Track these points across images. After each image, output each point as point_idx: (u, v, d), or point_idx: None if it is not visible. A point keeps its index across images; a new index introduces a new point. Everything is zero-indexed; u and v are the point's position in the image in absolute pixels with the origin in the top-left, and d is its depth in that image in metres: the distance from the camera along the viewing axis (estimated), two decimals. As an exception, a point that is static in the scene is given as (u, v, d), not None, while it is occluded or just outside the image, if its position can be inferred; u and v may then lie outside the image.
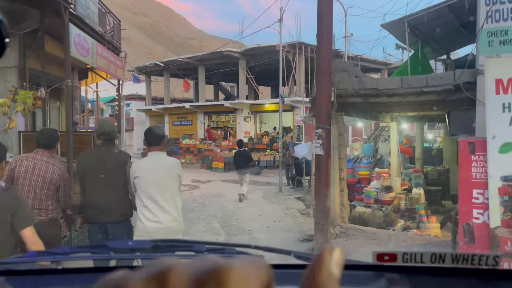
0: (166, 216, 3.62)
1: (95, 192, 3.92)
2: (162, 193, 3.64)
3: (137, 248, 1.40)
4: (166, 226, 3.59)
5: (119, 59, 12.14)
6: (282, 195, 13.66)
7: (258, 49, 21.85)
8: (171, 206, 3.66)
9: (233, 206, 10.98)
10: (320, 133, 5.47)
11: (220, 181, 17.40)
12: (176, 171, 3.71)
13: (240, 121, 23.30)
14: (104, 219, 3.88)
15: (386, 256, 0.93)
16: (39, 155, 3.93)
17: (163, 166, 3.70)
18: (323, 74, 5.46)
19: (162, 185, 3.66)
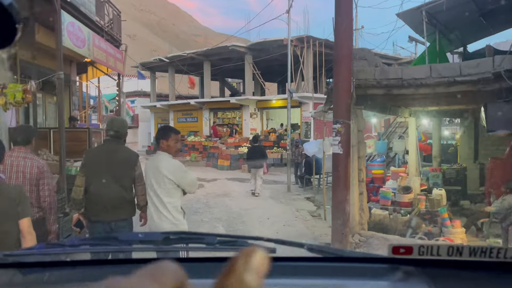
0: (161, 217, 3.66)
1: (101, 189, 3.87)
2: (155, 195, 3.67)
3: (148, 240, 1.41)
4: (160, 226, 3.60)
5: (119, 52, 11.46)
6: (291, 194, 12.93)
7: (264, 43, 21.08)
8: (164, 208, 3.65)
9: (239, 208, 10.27)
10: (338, 129, 4.75)
11: (225, 180, 16.71)
12: (168, 175, 3.61)
13: (246, 117, 22.57)
14: (108, 217, 3.86)
15: (402, 249, 0.92)
16: (16, 152, 3.87)
17: (155, 168, 3.67)
18: (341, 61, 4.75)
19: (154, 186, 3.66)
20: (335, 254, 1.19)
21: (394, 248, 0.94)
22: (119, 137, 4.02)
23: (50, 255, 1.35)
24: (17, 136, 3.96)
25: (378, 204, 9.16)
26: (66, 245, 1.39)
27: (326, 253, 1.16)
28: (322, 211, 11.02)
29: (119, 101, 10.99)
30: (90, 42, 9.14)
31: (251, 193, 12.27)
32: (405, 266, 1.04)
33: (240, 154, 20.43)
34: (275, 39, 20.58)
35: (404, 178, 8.95)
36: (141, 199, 4.02)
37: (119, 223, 3.90)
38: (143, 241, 1.40)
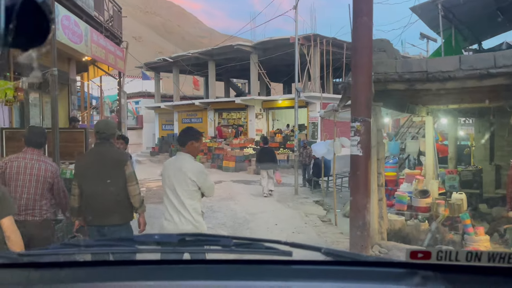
0: (180, 218, 3.60)
1: (93, 193, 3.82)
2: (175, 196, 3.61)
3: (164, 242, 1.40)
4: (180, 228, 3.55)
5: (120, 50, 10.95)
6: (299, 198, 12.34)
7: (270, 42, 20.51)
8: (185, 210, 3.60)
9: (245, 212, 9.70)
10: (357, 128, 4.18)
11: (230, 182, 16.15)
12: (191, 176, 3.59)
13: (251, 118, 22.01)
14: (101, 222, 3.77)
15: (420, 253, 0.91)
16: (29, 155, 3.88)
17: (178, 169, 3.63)
18: (361, 50, 4.19)
19: (175, 188, 3.61)
20: (352, 258, 1.17)
21: (412, 253, 0.93)
22: (107, 138, 3.90)
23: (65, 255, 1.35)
24: (33, 138, 3.93)
25: (393, 209, 8.56)
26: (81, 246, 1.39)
27: (342, 257, 1.15)
28: (333, 215, 10.43)
29: (120, 100, 10.47)
30: (88, 38, 8.63)
31: (263, 196, 12.21)
32: (423, 271, 1.03)
33: (245, 156, 19.88)
34: (281, 38, 20.02)
35: (421, 181, 8.35)
36: (135, 200, 3.88)
37: (112, 228, 3.78)
38: (159, 243, 1.39)
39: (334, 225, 9.05)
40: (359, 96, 4.15)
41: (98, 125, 4.09)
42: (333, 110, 9.13)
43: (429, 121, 8.26)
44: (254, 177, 17.93)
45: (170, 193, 3.64)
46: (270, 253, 1.18)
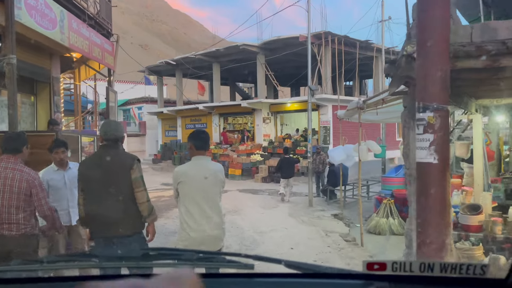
0: (210, 223, 3.42)
1: (98, 202, 3.47)
2: (207, 199, 3.46)
3: (127, 257, 1.40)
4: (209, 234, 3.40)
5: (108, 43, 9.46)
6: (314, 210, 10.73)
7: (277, 41, 18.98)
8: (215, 213, 3.48)
9: (254, 230, 8.12)
10: (429, 121, 2.63)
11: (237, 192, 14.58)
12: (221, 177, 3.58)
13: (259, 122, 20.44)
14: (108, 233, 3.42)
15: (376, 265, 0.94)
16: (4, 162, 3.60)
17: (209, 171, 3.49)
18: (434, 4, 2.67)
19: (207, 191, 3.46)
20: (313, 270, 1.15)
21: (368, 264, 0.94)
22: (114, 141, 3.57)
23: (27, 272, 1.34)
24: (6, 144, 3.67)
25: (435, 227, 6.91)
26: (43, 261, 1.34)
27: (303, 269, 1.14)
28: (356, 232, 8.82)
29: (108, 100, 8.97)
30: (65, 25, 7.13)
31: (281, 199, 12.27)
32: (379, 282, 1.05)
33: (252, 163, 18.31)
34: (289, 37, 18.49)
35: (469, 193, 6.71)
36: (142, 208, 3.53)
37: (122, 239, 3.41)
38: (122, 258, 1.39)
39: (361, 246, 7.46)
40: (431, 71, 2.62)
41: (105, 126, 3.70)
42: (358, 108, 7.56)
43: (478, 120, 6.67)
44: (262, 185, 16.36)
45: (200, 198, 3.43)
46: (232, 266, 1.17)
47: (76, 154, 7.13)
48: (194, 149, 3.55)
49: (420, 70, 2.78)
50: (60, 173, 4.81)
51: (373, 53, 20.34)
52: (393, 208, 9.31)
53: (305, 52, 18.28)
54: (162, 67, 24.34)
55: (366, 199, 13.06)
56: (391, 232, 9.03)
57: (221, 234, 3.52)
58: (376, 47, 20.15)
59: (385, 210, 9.34)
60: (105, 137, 3.55)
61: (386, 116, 9.82)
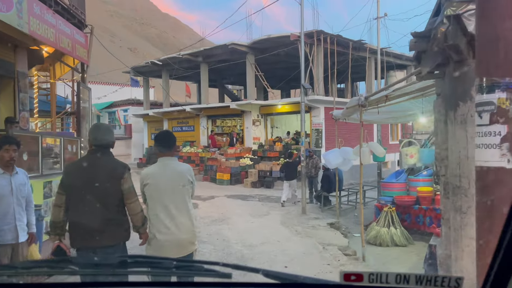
0: (178, 226, 3.31)
1: (84, 210, 3.22)
2: (175, 202, 3.34)
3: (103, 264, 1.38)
4: (178, 237, 3.29)
5: (81, 34, 8.46)
6: (308, 218, 9.81)
7: (268, 41, 18.09)
8: (184, 215, 3.36)
9: (242, 243, 7.16)
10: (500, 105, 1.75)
11: (225, 198, 13.61)
12: (189, 177, 3.43)
13: (248, 125, 19.50)
14: (93, 243, 3.17)
15: (353, 276, 0.95)
16: None
17: (175, 172, 3.40)
18: None
19: (174, 193, 3.35)
20: (290, 280, 1.13)
21: (345, 275, 0.95)
22: (104, 146, 3.33)
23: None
24: None
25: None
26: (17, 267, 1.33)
27: (282, 279, 1.12)
28: (355, 243, 7.92)
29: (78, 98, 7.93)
30: (23, 8, 6.12)
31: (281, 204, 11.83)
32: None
33: (241, 167, 17.35)
34: (280, 36, 17.64)
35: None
36: (136, 219, 3.36)
37: (107, 250, 3.15)
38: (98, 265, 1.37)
39: (363, 262, 6.55)
40: (503, 31, 1.75)
41: (94, 131, 3.47)
42: (359, 106, 6.67)
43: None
44: (252, 191, 15.42)
45: (167, 200, 3.32)
46: (209, 275, 1.17)
47: (36, 158, 6.12)
48: (159, 150, 3.47)
49: (483, 31, 1.88)
50: (5, 177, 3.87)
51: (366, 53, 19.57)
52: (394, 217, 8.44)
53: (296, 52, 17.48)
54: (148, 67, 23.29)
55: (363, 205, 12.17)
56: (393, 243, 8.15)
57: (191, 238, 3.40)
58: (369, 47, 19.39)
59: (386, 219, 8.46)
60: (95, 142, 3.34)
61: (386, 115, 8.98)
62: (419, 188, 8.68)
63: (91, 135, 3.40)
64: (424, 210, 8.49)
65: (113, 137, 3.46)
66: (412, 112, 8.85)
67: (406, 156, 9.02)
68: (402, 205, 8.70)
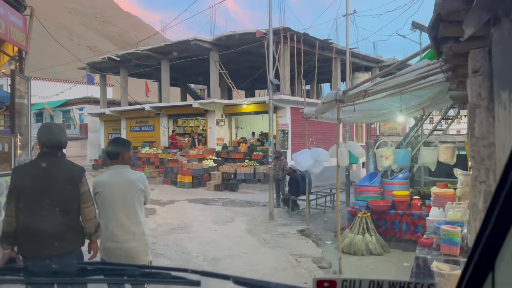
0: (128, 235, 3.26)
1: (40, 216, 3.03)
2: (125, 211, 3.30)
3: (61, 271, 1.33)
4: (129, 245, 3.25)
5: (18, 16, 7.25)
6: (276, 225, 8.99)
7: (232, 37, 17.20)
8: (135, 225, 3.30)
9: (204, 256, 6.23)
10: None
11: (186, 202, 12.61)
12: (141, 186, 3.37)
13: (212, 125, 18.53)
14: (49, 252, 2.96)
15: (326, 282, 0.93)
16: None
17: (127, 181, 3.34)
18: None
19: (125, 201, 3.31)
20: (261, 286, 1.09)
21: (318, 282, 0.92)
22: (57, 147, 3.13)
23: None
24: None
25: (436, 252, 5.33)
26: None
27: (252, 286, 1.09)
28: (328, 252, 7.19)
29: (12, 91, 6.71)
30: None
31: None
32: None
33: (204, 169, 16.36)
34: (245, 32, 16.81)
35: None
36: (89, 225, 3.17)
37: (63, 258, 2.97)
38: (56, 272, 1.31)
39: (339, 274, 5.79)
40: None
41: (46, 131, 3.17)
42: (336, 101, 5.91)
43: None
44: (215, 194, 14.47)
45: (118, 209, 3.27)
46: (177, 283, 1.14)
47: None
48: (110, 158, 3.43)
49: None
50: None
51: (333, 54, 19.11)
52: (369, 223, 7.78)
53: (261, 51, 16.70)
54: (105, 63, 21.84)
55: (331, 210, 11.53)
56: (368, 252, 7.48)
57: (143, 246, 3.35)
58: (336, 47, 18.94)
59: (361, 225, 7.78)
60: (48, 143, 3.14)
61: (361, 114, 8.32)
62: (395, 192, 8.06)
63: (42, 135, 3.18)
64: (400, 216, 7.88)
65: (66, 138, 3.30)
66: (387, 111, 8.25)
67: (381, 158, 8.40)
68: (377, 210, 8.05)
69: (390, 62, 21.72)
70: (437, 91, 7.40)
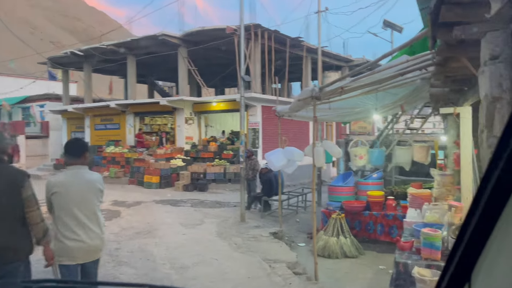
0: (89, 234, 3.30)
1: None
2: (84, 210, 3.32)
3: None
4: (88, 244, 3.30)
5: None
6: (248, 227, 8.62)
7: (202, 33, 16.67)
8: (94, 223, 3.36)
9: (171, 264, 5.77)
10: None
11: (153, 203, 12.04)
12: (99, 186, 3.44)
13: (180, 123, 17.93)
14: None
15: None
16: None
17: (85, 182, 3.37)
18: None
19: (84, 201, 3.34)
20: None
21: None
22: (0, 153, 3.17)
23: None
24: None
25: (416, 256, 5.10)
26: None
27: None
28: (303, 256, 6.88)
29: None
30: None
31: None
32: None
33: (172, 168, 15.79)
34: (215, 28, 16.33)
35: (459, 209, 5.04)
36: (37, 230, 3.18)
37: (6, 267, 2.95)
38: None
39: (315, 282, 5.49)
40: None
41: None
42: (312, 98, 5.60)
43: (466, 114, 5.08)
44: (184, 195, 13.95)
45: (77, 209, 3.27)
46: None
47: None
48: (68, 159, 3.44)
49: None
50: None
51: (303, 52, 18.92)
52: (344, 225, 7.53)
53: (231, 48, 16.31)
54: (68, 58, 20.77)
55: (303, 210, 11.27)
56: (343, 254, 7.23)
57: (100, 245, 3.42)
58: (306, 45, 18.75)
59: (335, 227, 7.52)
60: None
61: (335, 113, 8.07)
62: (369, 192, 7.85)
63: None
64: (375, 217, 7.68)
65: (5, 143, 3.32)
66: (361, 109, 8.03)
67: (355, 157, 8.18)
68: (351, 211, 7.82)
69: (360, 62, 21.76)
70: (412, 89, 7.24)
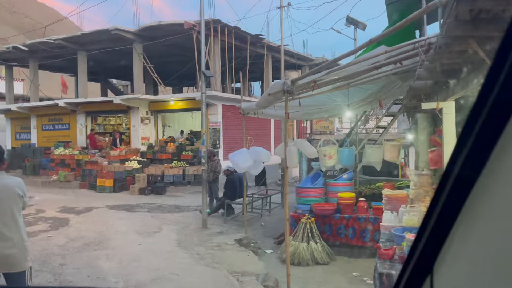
0: (6, 242, 3.17)
1: None
2: (3, 217, 3.20)
3: None
4: (8, 253, 3.17)
5: None
6: (210, 234, 7.92)
7: (158, 28, 15.74)
8: (14, 231, 3.23)
9: (124, 282, 4.99)
10: None
11: (106, 209, 11.05)
12: (18, 191, 3.29)
13: (135, 123, 16.88)
14: None
15: None
16: None
17: (3, 187, 3.24)
18: None
19: (3, 208, 3.22)
20: None
21: None
22: None
23: None
24: None
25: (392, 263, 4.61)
26: None
27: None
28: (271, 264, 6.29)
29: None
30: None
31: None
32: None
33: (127, 171, 14.76)
34: (172, 23, 15.48)
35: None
36: None
37: None
38: None
39: (291, 295, 4.91)
40: None
41: None
42: (285, 92, 5.01)
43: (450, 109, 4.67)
44: (140, 199, 13.00)
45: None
46: None
47: None
48: None
49: None
50: None
51: (264, 50, 18.41)
52: (314, 229, 7.02)
53: (189, 44, 15.51)
54: (11, 54, 19.10)
55: (268, 213, 10.71)
56: (314, 261, 6.72)
57: (23, 252, 3.26)
58: (267, 43, 18.26)
59: (305, 232, 6.99)
60: None
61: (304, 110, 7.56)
62: (339, 194, 7.38)
63: None
64: (346, 220, 7.22)
65: None
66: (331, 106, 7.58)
67: (324, 157, 7.70)
68: (321, 215, 7.33)
69: (319, 61, 21.56)
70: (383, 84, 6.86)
